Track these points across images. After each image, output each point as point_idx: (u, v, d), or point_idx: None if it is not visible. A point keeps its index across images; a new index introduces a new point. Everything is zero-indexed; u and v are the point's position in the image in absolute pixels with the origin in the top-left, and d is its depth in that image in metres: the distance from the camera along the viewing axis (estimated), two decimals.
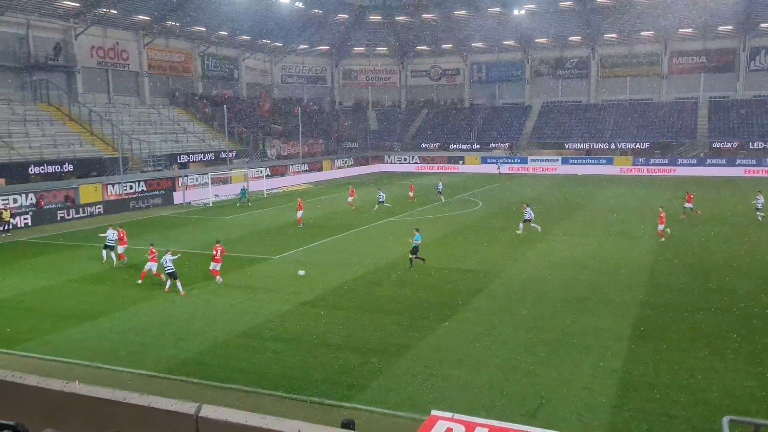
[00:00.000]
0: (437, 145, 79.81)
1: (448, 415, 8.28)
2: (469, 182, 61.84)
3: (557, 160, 71.59)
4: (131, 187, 48.07)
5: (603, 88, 79.73)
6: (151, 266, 23.84)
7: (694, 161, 65.89)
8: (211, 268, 23.60)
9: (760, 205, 35.32)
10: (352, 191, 44.71)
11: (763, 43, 71.46)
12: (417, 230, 26.39)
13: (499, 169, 72.02)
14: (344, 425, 8.15)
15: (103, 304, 21.21)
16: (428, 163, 78.09)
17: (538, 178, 65.66)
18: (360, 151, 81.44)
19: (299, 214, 36.44)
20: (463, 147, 78.16)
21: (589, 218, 37.80)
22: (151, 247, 24.59)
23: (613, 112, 76.23)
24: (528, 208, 32.58)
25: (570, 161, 70.94)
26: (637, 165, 67.97)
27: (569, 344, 16.57)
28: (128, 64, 63.00)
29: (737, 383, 14.01)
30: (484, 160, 74.88)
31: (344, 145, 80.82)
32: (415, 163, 78.94)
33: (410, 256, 25.55)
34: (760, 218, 34.71)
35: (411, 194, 46.88)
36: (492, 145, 77.01)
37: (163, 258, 22.39)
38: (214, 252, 23.47)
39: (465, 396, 13.56)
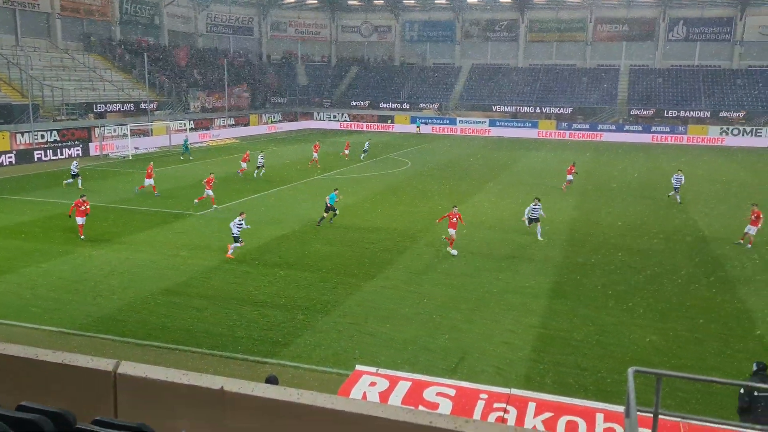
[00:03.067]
0: (367, 103, 79.28)
1: (373, 369, 8.43)
2: (400, 142, 61.97)
3: (485, 122, 72.65)
4: (43, 137, 45.35)
5: (531, 52, 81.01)
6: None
7: (614, 127, 68.42)
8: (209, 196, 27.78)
9: (677, 185, 31.90)
10: (317, 147, 43.83)
11: (681, 14, 74.22)
12: (336, 190, 26.30)
13: (418, 128, 72.68)
14: (267, 381, 8.13)
15: (14, 260, 20.13)
16: (358, 122, 77.57)
17: (467, 140, 66.53)
18: (288, 106, 79.84)
19: (243, 165, 37.37)
20: (393, 106, 77.98)
21: (514, 180, 38.75)
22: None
23: (540, 77, 77.76)
24: (538, 204, 24.23)
25: (497, 123, 72.16)
26: (560, 129, 69.92)
27: (491, 301, 17.10)
28: (38, 4, 58.66)
29: (643, 338, 14.90)
30: (413, 120, 75.10)
31: (272, 100, 78.94)
32: (345, 120, 78.22)
33: (324, 214, 25.58)
34: (678, 200, 31.63)
35: (346, 152, 46.64)
36: (422, 105, 77.20)
37: (234, 221, 20.97)
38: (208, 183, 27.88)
39: (390, 351, 13.81)
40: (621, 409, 7.00)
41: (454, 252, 21.39)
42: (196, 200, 28.68)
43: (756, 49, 71.66)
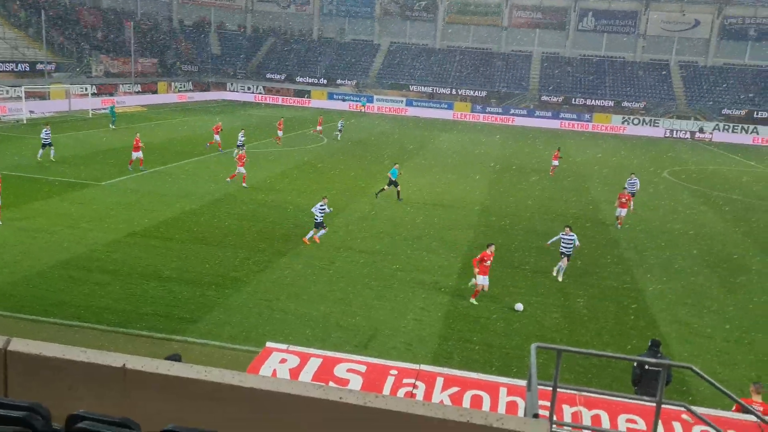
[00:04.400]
0: (284, 76, 77.69)
1: (283, 346, 8.34)
2: (317, 117, 61.20)
3: (402, 101, 73.04)
4: None
5: (449, 34, 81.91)
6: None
7: (525, 112, 70.61)
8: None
9: (633, 190, 27.74)
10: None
11: (591, 5, 77.16)
12: (396, 164, 27.40)
13: (363, 107, 72.17)
14: (169, 359, 7.88)
15: None
16: (273, 95, 75.93)
17: (385, 119, 66.65)
18: (200, 75, 76.95)
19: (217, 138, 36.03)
20: (310, 81, 76.88)
21: (430, 160, 39.29)
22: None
23: (457, 59, 78.88)
24: (568, 233, 18.29)
25: (414, 103, 72.74)
26: (475, 112, 71.41)
27: (404, 279, 17.33)
28: None
29: (547, 315, 15.60)
30: (330, 96, 74.39)
31: (183, 68, 75.77)
32: (260, 93, 76.36)
33: (385, 187, 26.62)
34: (631, 207, 25.93)
35: (319, 128, 46.15)
36: (339, 82, 76.56)
37: (316, 207, 20.02)
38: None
39: (301, 328, 13.74)
40: (523, 383, 7.28)
41: (474, 302, 16.02)
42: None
43: (657, 43, 75.81)
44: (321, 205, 19.89)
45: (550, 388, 5.68)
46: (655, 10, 75.33)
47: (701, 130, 65.11)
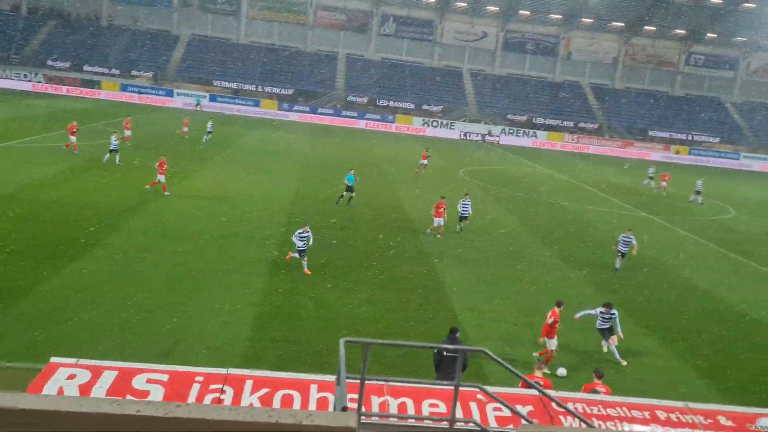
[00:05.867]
0: (68, 64, 70.47)
1: (72, 360, 7.52)
2: (108, 110, 56.50)
3: (205, 96, 70.31)
4: None
5: (254, 30, 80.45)
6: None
7: (332, 111, 71.86)
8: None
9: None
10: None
11: (391, 11, 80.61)
12: (352, 170, 27.24)
13: (198, 105, 67.79)
14: None
15: None
16: (57, 84, 68.40)
17: (184, 113, 63.45)
18: None
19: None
20: (100, 70, 70.68)
21: (236, 158, 38.27)
22: None
23: (262, 55, 77.80)
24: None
25: (218, 99, 70.38)
26: (282, 110, 71.05)
27: (212, 280, 16.66)
28: None
29: (357, 310, 15.97)
30: (124, 88, 69.15)
31: None
32: (39, 82, 68.33)
33: (344, 193, 26.74)
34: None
35: (185, 129, 43.17)
36: (134, 73, 71.41)
37: (295, 234, 18.12)
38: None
39: (95, 339, 12.57)
40: (334, 378, 7.34)
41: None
42: None
43: (452, 51, 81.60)
44: (300, 233, 18.15)
45: (359, 381, 5.78)
46: (449, 21, 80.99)
47: (490, 133, 71.37)
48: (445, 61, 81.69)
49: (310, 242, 18.22)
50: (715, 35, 78.31)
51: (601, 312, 14.63)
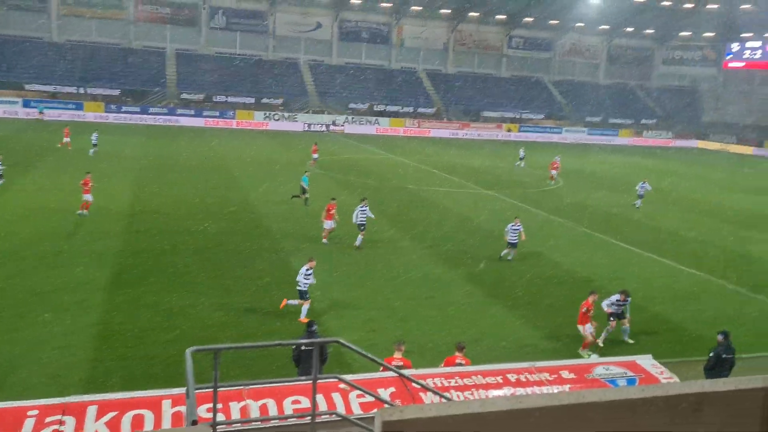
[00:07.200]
0: None
1: None
2: None
3: (18, 102, 63.61)
4: None
5: (68, 27, 73.79)
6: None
7: (166, 111, 68.19)
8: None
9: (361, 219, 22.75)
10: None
11: (220, 3, 77.85)
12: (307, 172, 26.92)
13: (41, 113, 60.09)
14: None
15: None
16: None
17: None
18: None
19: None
20: None
21: (59, 166, 35.05)
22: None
23: (81, 55, 71.65)
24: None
25: (33, 104, 63.89)
26: (110, 112, 66.19)
27: (41, 304, 15.11)
28: None
29: (212, 315, 15.29)
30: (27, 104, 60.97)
31: None
32: None
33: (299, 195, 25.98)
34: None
35: (66, 140, 41.93)
36: None
37: (301, 271, 15.65)
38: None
39: None
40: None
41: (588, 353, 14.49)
42: None
43: (288, 42, 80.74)
44: (307, 270, 15.69)
45: (212, 390, 5.48)
46: (281, 12, 79.92)
47: (334, 123, 71.79)
48: (281, 53, 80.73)
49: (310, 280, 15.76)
50: (532, 19, 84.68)
51: (618, 300, 15.13)
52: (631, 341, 15.38)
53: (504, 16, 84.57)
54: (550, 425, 3.60)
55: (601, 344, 15.01)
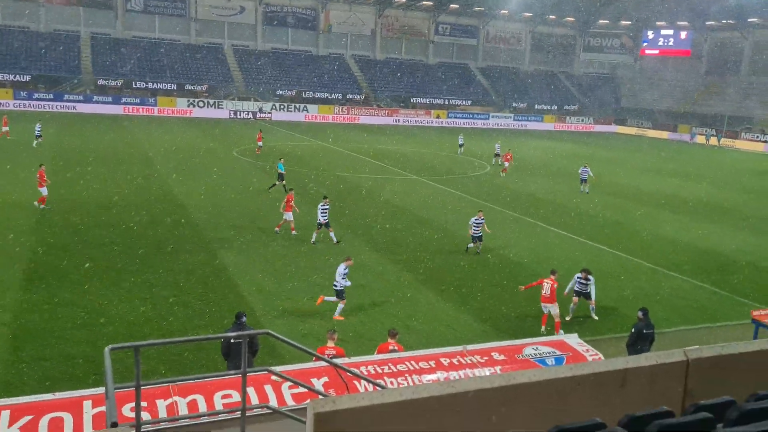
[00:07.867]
0: None
1: None
2: None
3: None
4: None
5: None
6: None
7: (82, 98, 64.98)
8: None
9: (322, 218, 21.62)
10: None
11: None
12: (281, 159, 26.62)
13: None
14: None
15: None
16: None
17: None
18: None
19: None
20: None
21: None
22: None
23: None
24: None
25: None
26: (20, 99, 62.48)
27: None
28: None
29: (133, 311, 14.69)
30: None
31: None
32: None
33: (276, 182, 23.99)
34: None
35: (5, 129, 40.42)
36: None
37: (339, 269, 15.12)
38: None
39: None
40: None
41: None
42: None
43: (211, 27, 78.38)
44: (345, 269, 15.10)
45: (134, 389, 5.22)
46: None
47: (261, 110, 70.39)
48: (204, 38, 78.33)
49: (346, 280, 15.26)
50: (458, 6, 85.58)
51: (578, 277, 15.90)
52: (596, 317, 16.24)
53: (430, 2, 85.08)
54: (483, 407, 3.60)
55: (568, 318, 15.85)
